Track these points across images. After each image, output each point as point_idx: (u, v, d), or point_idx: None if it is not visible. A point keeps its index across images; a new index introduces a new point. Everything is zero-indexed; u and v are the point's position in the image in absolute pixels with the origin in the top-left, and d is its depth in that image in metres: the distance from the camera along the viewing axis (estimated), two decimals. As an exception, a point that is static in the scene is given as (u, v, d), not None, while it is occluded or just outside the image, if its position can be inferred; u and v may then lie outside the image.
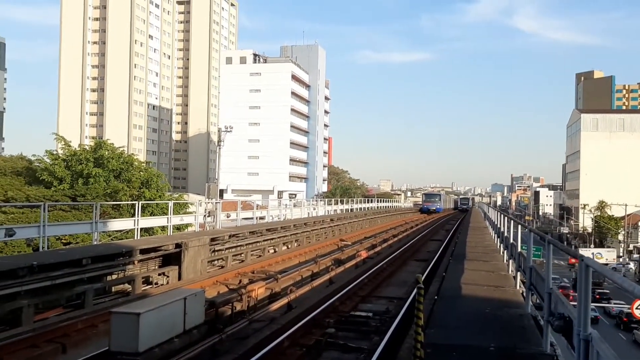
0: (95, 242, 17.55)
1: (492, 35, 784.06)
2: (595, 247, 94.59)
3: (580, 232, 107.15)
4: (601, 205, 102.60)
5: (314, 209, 41.13)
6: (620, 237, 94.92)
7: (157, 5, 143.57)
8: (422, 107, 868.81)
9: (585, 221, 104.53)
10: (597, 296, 52.64)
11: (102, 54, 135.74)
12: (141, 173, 36.99)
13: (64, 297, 12.33)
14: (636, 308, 29.83)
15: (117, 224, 20.34)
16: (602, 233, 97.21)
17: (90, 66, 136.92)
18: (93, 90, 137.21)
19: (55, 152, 36.77)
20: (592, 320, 5.00)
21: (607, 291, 56.64)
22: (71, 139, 41.72)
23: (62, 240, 25.56)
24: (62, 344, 10.19)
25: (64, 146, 37.11)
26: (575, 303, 4.87)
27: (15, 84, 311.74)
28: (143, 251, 15.17)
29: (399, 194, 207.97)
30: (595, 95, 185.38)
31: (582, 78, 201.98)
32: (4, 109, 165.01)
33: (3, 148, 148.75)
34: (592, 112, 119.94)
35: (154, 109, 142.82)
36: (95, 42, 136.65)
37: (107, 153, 35.94)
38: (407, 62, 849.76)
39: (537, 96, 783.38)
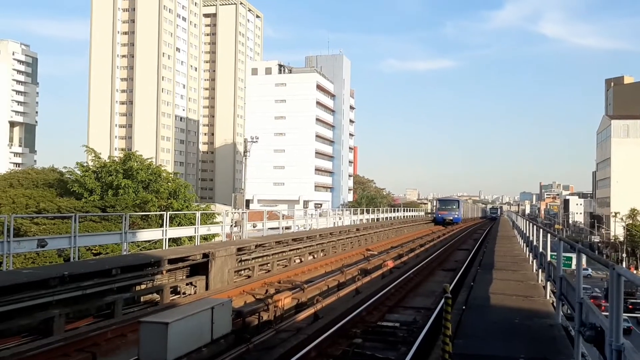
0: (125, 253, 17.79)
1: (518, 42, 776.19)
2: (627, 256, 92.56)
3: (612, 240, 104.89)
4: (633, 213, 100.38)
5: (340, 218, 41.04)
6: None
7: (184, 19, 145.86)
8: (448, 115, 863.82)
9: (617, 230, 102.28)
10: (630, 306, 51.44)
11: (130, 67, 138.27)
12: (169, 184, 37.41)
13: (94, 307, 12.51)
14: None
15: (146, 235, 20.60)
16: (635, 242, 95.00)
17: (119, 79, 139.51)
18: (122, 103, 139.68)
19: (85, 164, 37.41)
20: (624, 331, 4.91)
21: (641, 301, 55.28)
22: (101, 151, 42.44)
23: (92, 251, 25.97)
24: (92, 353, 10.33)
25: (94, 158, 37.74)
26: (607, 313, 4.78)
27: (47, 98, 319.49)
28: (171, 261, 15.32)
29: (425, 203, 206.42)
30: (626, 101, 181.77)
31: (612, 84, 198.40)
32: (36, 122, 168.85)
33: (35, 160, 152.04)
34: (623, 118, 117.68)
35: (181, 120, 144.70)
36: (124, 56, 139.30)
37: (136, 164, 36.44)
38: (432, 69, 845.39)
39: (566, 103, 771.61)
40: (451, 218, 65.06)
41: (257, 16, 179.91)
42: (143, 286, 14.37)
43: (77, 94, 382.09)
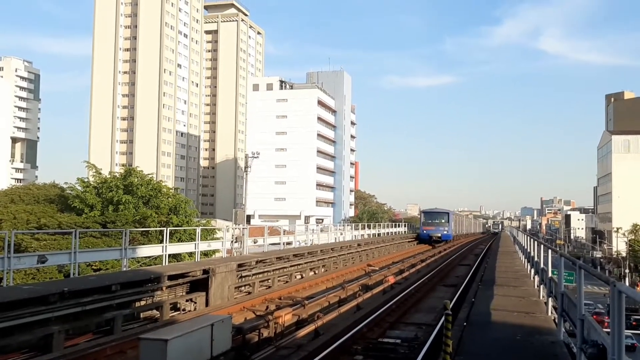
0: (125, 269, 17.74)
1: (518, 58, 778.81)
2: (630, 272, 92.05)
3: (614, 256, 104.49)
4: (635, 229, 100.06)
5: (341, 233, 40.97)
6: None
7: (185, 35, 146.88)
8: (449, 130, 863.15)
9: (619, 245, 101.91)
10: (634, 322, 51.05)
11: (132, 83, 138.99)
12: (169, 199, 37.37)
13: (94, 323, 12.45)
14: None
15: (146, 250, 20.56)
16: (637, 257, 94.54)
17: (121, 95, 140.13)
18: (123, 119, 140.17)
19: (86, 180, 37.43)
20: (628, 348, 4.88)
21: (644, 317, 54.78)
22: (102, 167, 42.50)
23: (93, 267, 25.91)
24: (91, 370, 10.26)
25: (95, 174, 37.78)
26: (609, 330, 4.75)
27: (48, 114, 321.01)
28: (171, 277, 15.26)
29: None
30: (626, 116, 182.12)
31: (612, 99, 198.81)
32: (38, 138, 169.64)
33: (37, 176, 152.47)
34: (624, 134, 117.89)
35: (182, 136, 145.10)
36: (125, 72, 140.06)
37: (136, 180, 36.44)
38: (433, 86, 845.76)
39: (566, 118, 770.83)
40: (439, 235, 52.86)
41: (259, 33, 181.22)
42: (143, 302, 14.31)
43: (78, 110, 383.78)
